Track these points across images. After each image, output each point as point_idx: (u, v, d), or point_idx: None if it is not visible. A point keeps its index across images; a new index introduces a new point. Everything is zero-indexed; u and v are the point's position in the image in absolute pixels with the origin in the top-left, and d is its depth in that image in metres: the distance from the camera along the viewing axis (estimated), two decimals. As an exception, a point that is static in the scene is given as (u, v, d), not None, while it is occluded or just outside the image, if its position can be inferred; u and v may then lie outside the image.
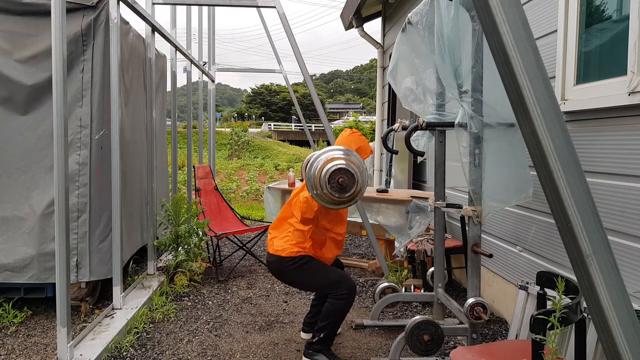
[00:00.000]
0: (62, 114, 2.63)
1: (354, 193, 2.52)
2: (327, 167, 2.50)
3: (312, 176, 2.55)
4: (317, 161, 2.57)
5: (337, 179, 2.48)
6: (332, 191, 2.50)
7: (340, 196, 2.51)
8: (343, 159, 2.54)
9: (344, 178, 2.48)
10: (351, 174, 2.50)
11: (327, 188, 2.49)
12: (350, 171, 2.50)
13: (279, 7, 4.15)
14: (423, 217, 4.17)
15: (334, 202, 2.57)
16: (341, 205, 2.63)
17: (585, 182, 0.91)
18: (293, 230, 2.90)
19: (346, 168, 2.49)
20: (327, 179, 2.48)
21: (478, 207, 2.64)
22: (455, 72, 2.81)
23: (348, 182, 2.49)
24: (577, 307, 1.74)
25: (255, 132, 36.51)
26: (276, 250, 2.90)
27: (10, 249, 3.51)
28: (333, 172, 2.49)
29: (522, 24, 0.90)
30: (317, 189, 2.54)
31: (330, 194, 2.50)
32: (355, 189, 2.52)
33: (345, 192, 2.50)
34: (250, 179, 13.08)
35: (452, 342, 3.23)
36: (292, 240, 2.88)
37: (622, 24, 2.38)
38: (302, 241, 2.87)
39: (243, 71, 15.19)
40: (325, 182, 2.49)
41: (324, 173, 2.50)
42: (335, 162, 2.51)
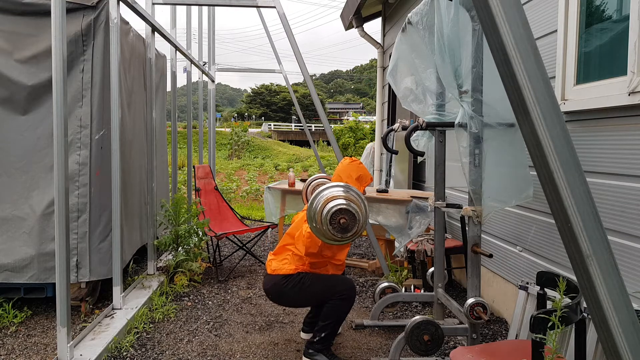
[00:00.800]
0: (62, 114, 2.63)
1: (355, 232, 2.53)
2: (329, 206, 2.50)
3: (313, 211, 2.56)
4: (320, 196, 2.57)
5: (338, 220, 2.48)
6: (335, 232, 2.50)
7: (343, 236, 2.52)
8: (343, 198, 2.53)
9: (346, 219, 2.48)
10: (352, 214, 2.49)
11: (329, 227, 2.50)
12: (351, 211, 2.49)
13: (279, 7, 4.15)
14: (423, 217, 4.17)
15: (334, 240, 2.58)
16: (340, 243, 2.64)
17: (585, 182, 0.91)
18: (292, 254, 2.94)
19: (349, 209, 2.49)
20: (328, 218, 2.48)
21: (478, 207, 2.64)
22: (455, 72, 2.81)
23: (349, 223, 2.50)
24: (577, 307, 1.74)
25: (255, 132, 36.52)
26: (274, 270, 2.94)
27: (10, 249, 3.51)
28: (335, 212, 2.48)
29: (522, 24, 0.90)
30: (317, 224, 2.55)
31: (331, 233, 2.51)
32: (357, 228, 2.52)
33: (347, 232, 2.51)
34: (250, 179, 13.09)
35: (452, 342, 3.23)
36: (289, 263, 2.92)
37: (622, 24, 2.38)
38: (300, 264, 2.91)
39: (243, 71, 15.19)
40: (327, 221, 2.49)
41: (326, 212, 2.49)
42: (336, 202, 2.50)
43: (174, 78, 5.45)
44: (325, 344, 2.90)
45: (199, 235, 4.66)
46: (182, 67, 6.37)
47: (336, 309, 2.86)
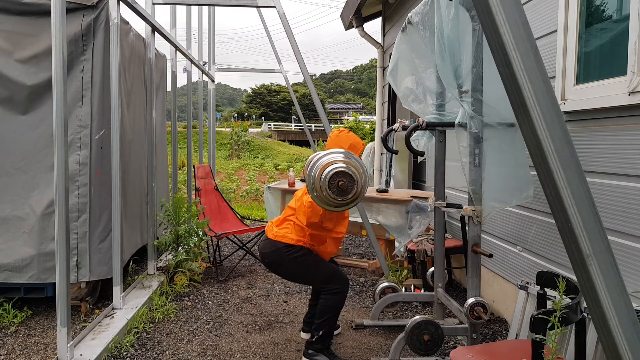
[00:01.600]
0: (62, 114, 2.63)
1: (354, 195, 2.52)
2: (326, 171, 2.50)
3: (312, 180, 2.55)
4: (317, 165, 2.57)
5: (337, 183, 2.48)
6: (334, 195, 2.49)
7: (344, 199, 2.51)
8: (342, 161, 2.53)
9: (344, 181, 2.48)
10: (350, 176, 2.49)
11: (328, 191, 2.49)
12: (349, 174, 2.49)
13: (279, 7, 4.15)
14: (423, 217, 4.17)
15: (335, 205, 2.57)
16: (343, 207, 2.62)
17: (585, 182, 0.91)
18: (293, 224, 2.93)
19: (345, 171, 2.49)
20: (327, 182, 2.48)
21: (478, 207, 2.64)
22: (455, 72, 2.81)
23: (348, 185, 2.49)
24: (577, 307, 1.74)
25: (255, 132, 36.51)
26: (275, 235, 2.93)
27: (10, 249, 3.50)
28: (332, 176, 2.48)
29: (522, 24, 0.90)
30: (317, 192, 2.54)
31: (331, 198, 2.50)
32: (356, 191, 2.51)
33: (347, 194, 2.50)
34: (250, 178, 13.08)
35: (452, 342, 3.23)
36: (291, 232, 2.92)
37: (622, 24, 2.38)
38: (301, 235, 2.91)
39: (243, 71, 15.18)
40: (325, 185, 2.48)
41: (323, 178, 2.49)
42: (335, 166, 2.50)
43: (174, 78, 5.45)
44: (325, 343, 2.90)
45: (199, 235, 4.66)
46: (182, 67, 6.37)
47: (330, 305, 2.87)
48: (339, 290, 2.88)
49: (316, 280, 2.98)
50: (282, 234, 2.93)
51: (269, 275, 4.80)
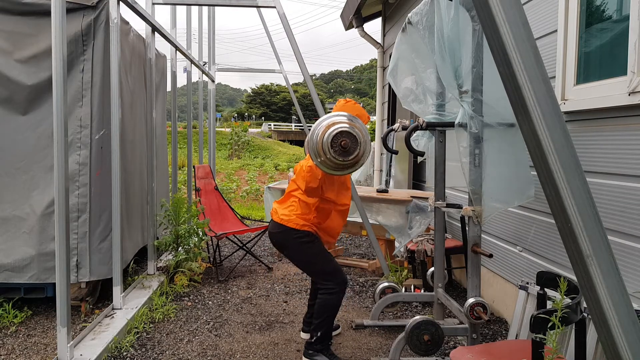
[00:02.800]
0: (62, 114, 2.63)
1: (357, 156, 2.48)
2: (329, 131, 2.47)
3: (314, 143, 2.51)
4: (319, 127, 2.54)
5: (339, 142, 2.44)
6: (336, 155, 2.45)
7: (344, 159, 2.47)
8: (346, 123, 2.50)
9: (347, 141, 2.44)
10: (353, 136, 2.46)
11: (330, 152, 2.45)
12: (352, 134, 2.46)
13: (279, 7, 4.15)
14: (423, 217, 4.17)
15: (337, 166, 2.52)
16: (345, 170, 2.58)
17: (585, 182, 0.91)
18: (298, 200, 2.89)
19: (348, 131, 2.46)
20: (329, 142, 2.44)
21: (478, 207, 2.64)
22: (455, 72, 2.81)
23: (351, 145, 2.45)
24: (577, 307, 1.74)
25: (255, 132, 36.49)
26: (281, 218, 2.89)
27: (10, 249, 3.51)
28: (335, 135, 2.44)
29: (522, 24, 0.90)
30: (320, 156, 2.50)
31: (334, 158, 2.46)
32: (359, 151, 2.48)
33: (349, 154, 2.46)
34: (250, 179, 13.08)
35: (452, 342, 3.23)
36: (297, 210, 2.86)
37: (622, 24, 2.38)
38: (306, 212, 2.85)
39: (243, 71, 15.17)
40: (327, 146, 2.45)
41: (326, 137, 2.45)
42: (337, 126, 2.47)
43: (174, 78, 5.45)
44: (324, 343, 2.90)
45: (199, 235, 4.66)
46: (182, 67, 6.37)
47: (327, 305, 2.86)
48: (336, 290, 2.86)
49: (317, 272, 2.95)
50: (288, 217, 2.87)
51: (269, 275, 4.80)
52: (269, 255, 5.63)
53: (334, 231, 3.01)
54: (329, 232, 2.98)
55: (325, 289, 2.88)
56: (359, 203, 4.05)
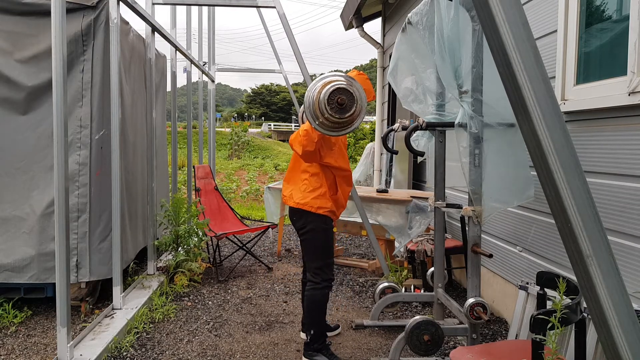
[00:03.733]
0: (62, 114, 2.63)
1: (354, 113, 2.46)
2: (325, 89, 2.45)
3: (311, 104, 2.49)
4: (315, 87, 2.52)
5: (336, 99, 2.42)
6: (332, 112, 2.43)
7: (341, 117, 2.44)
8: (342, 80, 2.49)
9: (343, 97, 2.42)
10: (350, 93, 2.43)
11: (327, 110, 2.43)
12: (349, 90, 2.43)
13: (279, 7, 4.15)
14: (423, 217, 4.17)
15: (334, 125, 2.50)
16: (342, 129, 2.56)
17: (585, 182, 0.91)
18: (308, 176, 2.92)
19: (345, 87, 2.44)
20: (326, 99, 2.42)
21: (478, 207, 2.64)
22: (455, 72, 2.81)
23: (347, 102, 2.43)
24: (577, 307, 1.74)
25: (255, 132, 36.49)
26: (298, 203, 2.93)
27: (10, 249, 3.51)
28: (332, 92, 2.42)
29: (522, 24, 0.90)
30: (318, 117, 2.48)
31: (331, 116, 2.44)
32: (356, 109, 2.45)
33: (346, 112, 2.44)
34: (250, 179, 13.08)
35: (452, 342, 3.23)
36: (309, 187, 2.90)
37: (622, 24, 2.38)
38: (318, 186, 2.89)
39: (243, 71, 15.18)
40: (324, 103, 2.42)
41: (323, 95, 2.43)
42: (334, 83, 2.46)
43: (174, 78, 5.44)
44: (322, 342, 2.92)
45: (198, 236, 4.65)
46: (182, 67, 6.36)
47: (314, 300, 2.92)
48: (320, 286, 2.92)
49: (316, 261, 2.98)
50: (304, 201, 2.91)
51: (269, 275, 4.80)
52: (269, 255, 5.63)
53: (344, 199, 3.06)
54: (340, 202, 3.03)
55: (313, 284, 2.93)
56: (359, 203, 4.05)
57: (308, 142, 2.68)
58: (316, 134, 2.65)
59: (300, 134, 2.73)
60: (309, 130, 2.65)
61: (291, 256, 5.60)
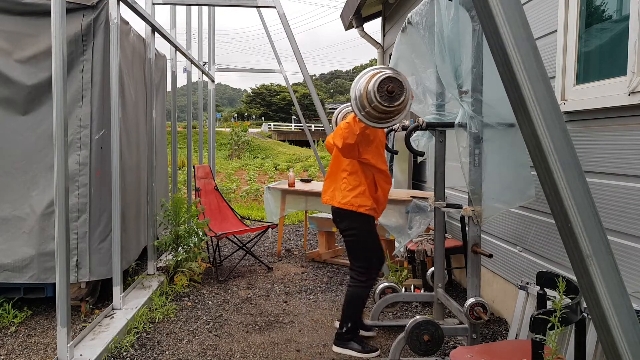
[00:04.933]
0: (62, 114, 2.63)
1: (403, 102, 2.48)
2: (375, 77, 2.46)
3: (358, 94, 2.52)
4: (363, 78, 2.55)
5: (386, 88, 2.44)
6: (382, 100, 2.44)
7: (390, 105, 2.45)
8: (391, 70, 2.53)
9: (393, 85, 2.43)
10: (400, 82, 2.45)
11: (377, 99, 2.43)
12: (399, 80, 2.46)
13: (279, 7, 4.15)
14: (423, 217, 4.17)
15: (382, 114, 2.52)
16: (389, 119, 2.58)
17: (585, 182, 0.91)
18: (347, 175, 3.00)
19: (395, 76, 2.46)
20: (376, 88, 2.43)
21: (477, 207, 2.64)
22: (455, 72, 2.81)
23: (397, 91, 2.44)
24: (577, 307, 1.74)
25: (255, 132, 36.50)
26: (340, 202, 3.01)
27: (10, 249, 3.50)
28: (382, 81, 2.44)
29: (522, 24, 0.90)
30: (365, 107, 2.50)
31: (380, 104, 2.45)
32: (404, 98, 2.47)
33: (395, 100, 2.45)
34: (250, 179, 13.08)
35: (452, 342, 3.23)
36: (349, 186, 2.97)
37: (622, 24, 2.38)
38: (357, 185, 2.95)
39: (243, 71, 15.17)
40: (374, 92, 2.44)
41: (373, 83, 2.45)
42: (383, 72, 2.48)
43: (174, 78, 5.44)
44: (355, 333, 3.10)
45: (198, 235, 4.65)
46: (182, 67, 6.37)
47: (357, 296, 3.05)
48: (366, 285, 3.05)
49: (359, 259, 3.07)
50: (346, 199, 2.98)
51: (269, 275, 4.80)
52: (268, 255, 5.63)
53: (384, 198, 3.11)
54: (381, 200, 3.08)
55: (357, 282, 3.06)
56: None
57: (349, 134, 2.75)
58: (358, 127, 2.72)
59: (341, 127, 2.81)
60: (351, 122, 2.74)
61: (291, 256, 5.60)
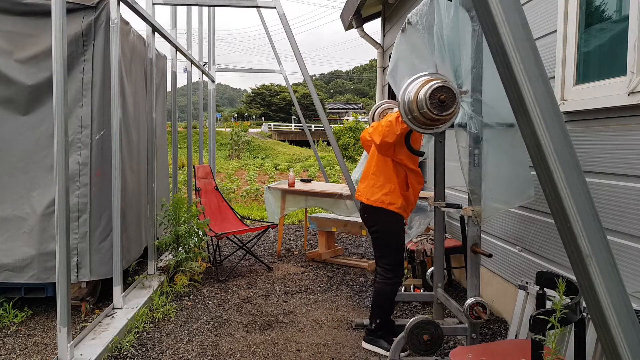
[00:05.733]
0: (62, 114, 2.63)
1: (452, 112, 2.48)
2: (429, 85, 2.47)
3: (407, 99, 2.54)
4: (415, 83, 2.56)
5: (438, 97, 2.44)
6: (432, 108, 2.44)
7: (439, 113, 2.45)
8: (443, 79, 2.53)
9: (446, 95, 2.44)
10: (453, 93, 2.45)
11: (427, 106, 2.43)
12: (452, 90, 2.45)
13: (279, 7, 4.15)
14: (423, 217, 4.17)
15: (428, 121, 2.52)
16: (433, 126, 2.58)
17: (585, 182, 0.91)
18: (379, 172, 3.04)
19: (448, 86, 2.46)
20: (428, 95, 2.43)
21: (477, 207, 2.64)
22: (455, 72, 2.81)
23: (448, 102, 2.44)
24: (576, 307, 1.74)
25: (255, 132, 36.49)
26: (369, 199, 3.06)
27: (10, 249, 3.51)
28: (436, 89, 2.44)
29: (522, 24, 0.91)
30: (413, 111, 2.52)
31: (429, 112, 2.45)
32: (454, 108, 2.47)
33: (445, 110, 2.45)
34: (250, 179, 13.09)
35: (452, 341, 3.23)
36: (379, 183, 3.03)
37: (622, 24, 2.38)
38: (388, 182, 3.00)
39: (243, 71, 15.20)
40: (425, 99, 2.44)
41: (425, 90, 2.45)
42: (436, 81, 2.49)
43: (174, 78, 5.45)
44: (384, 330, 3.10)
45: (199, 235, 4.66)
46: (183, 67, 6.37)
47: (384, 293, 3.07)
48: (393, 282, 3.07)
49: (387, 256, 3.10)
50: (375, 196, 3.02)
51: (269, 275, 4.80)
52: (269, 255, 5.63)
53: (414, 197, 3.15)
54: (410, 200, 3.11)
55: (384, 278, 3.08)
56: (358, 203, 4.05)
57: (389, 133, 2.80)
58: (400, 127, 2.76)
59: (383, 125, 2.84)
60: (393, 122, 2.77)
61: (291, 256, 5.60)
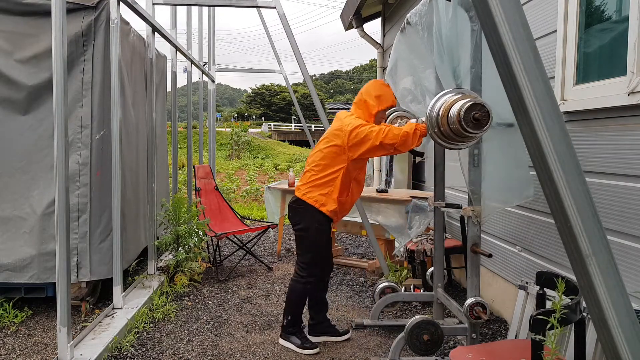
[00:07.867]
0: (62, 114, 2.63)
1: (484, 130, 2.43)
2: (463, 101, 2.41)
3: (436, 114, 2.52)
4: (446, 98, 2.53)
5: (472, 115, 2.38)
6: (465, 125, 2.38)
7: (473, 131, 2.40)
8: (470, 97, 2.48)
9: (481, 113, 2.38)
10: (487, 111, 2.40)
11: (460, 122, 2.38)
12: (487, 108, 2.40)
13: (279, 7, 4.15)
14: (423, 217, 4.17)
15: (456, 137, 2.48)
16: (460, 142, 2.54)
17: (585, 182, 0.91)
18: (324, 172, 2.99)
19: (480, 103, 2.40)
20: (462, 115, 2.37)
21: (477, 207, 2.64)
22: (454, 72, 2.81)
23: (482, 118, 2.38)
24: (576, 307, 1.74)
25: (255, 132, 36.49)
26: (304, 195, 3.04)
27: (10, 249, 3.51)
28: (469, 108, 2.37)
29: (522, 24, 0.91)
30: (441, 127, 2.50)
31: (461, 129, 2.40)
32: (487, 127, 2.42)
33: (478, 128, 2.39)
34: (250, 179, 13.09)
35: (452, 341, 3.23)
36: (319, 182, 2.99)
37: (622, 24, 2.38)
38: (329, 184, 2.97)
39: (243, 71, 15.20)
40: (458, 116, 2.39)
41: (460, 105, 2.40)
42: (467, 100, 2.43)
43: (174, 78, 5.45)
44: (296, 327, 3.15)
45: (199, 235, 4.66)
46: (183, 67, 6.37)
47: (294, 290, 3.10)
48: (303, 281, 3.07)
49: (305, 256, 3.10)
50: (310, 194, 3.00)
51: (269, 275, 4.80)
52: (269, 255, 5.63)
53: (350, 205, 3.12)
54: (345, 207, 3.09)
55: (298, 276, 3.10)
56: (358, 203, 4.05)
57: (402, 145, 2.76)
58: (416, 142, 2.73)
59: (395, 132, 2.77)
60: (410, 134, 2.71)
61: (291, 256, 5.60)
